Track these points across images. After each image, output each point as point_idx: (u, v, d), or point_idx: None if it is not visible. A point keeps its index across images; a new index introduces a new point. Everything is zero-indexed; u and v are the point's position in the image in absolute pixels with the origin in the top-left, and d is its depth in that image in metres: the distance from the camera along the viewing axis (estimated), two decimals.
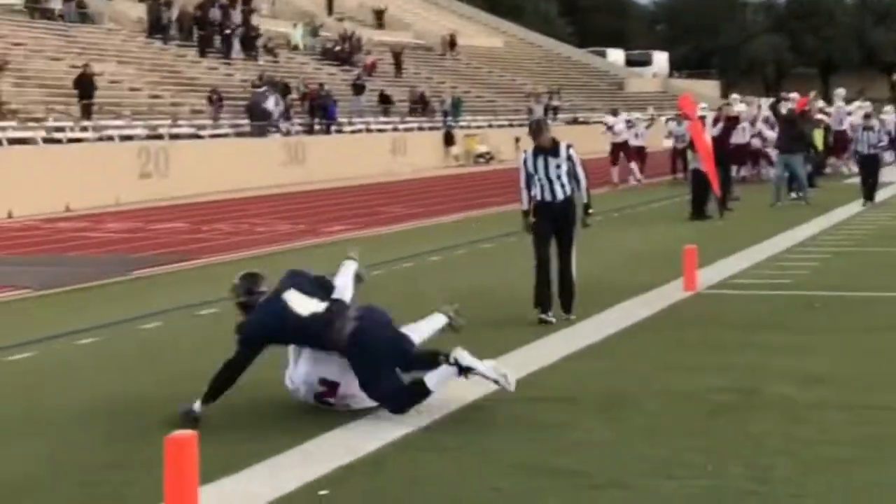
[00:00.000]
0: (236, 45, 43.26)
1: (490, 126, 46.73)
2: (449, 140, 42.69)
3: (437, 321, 7.98)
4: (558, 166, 10.68)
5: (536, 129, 10.95)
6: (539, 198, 10.79)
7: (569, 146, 10.85)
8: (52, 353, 9.80)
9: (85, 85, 29.60)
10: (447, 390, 7.49)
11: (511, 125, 46.99)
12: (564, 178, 10.73)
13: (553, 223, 10.79)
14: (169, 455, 5.23)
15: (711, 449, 6.57)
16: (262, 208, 24.95)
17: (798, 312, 11.07)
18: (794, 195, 23.17)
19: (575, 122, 51.45)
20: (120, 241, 19.05)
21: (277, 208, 25.08)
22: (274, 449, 6.64)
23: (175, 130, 31.72)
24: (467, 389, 8.04)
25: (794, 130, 23.70)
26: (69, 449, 6.80)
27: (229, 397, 7.92)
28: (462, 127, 44.91)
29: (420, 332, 7.83)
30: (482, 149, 43.54)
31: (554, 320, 10.52)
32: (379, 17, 60.02)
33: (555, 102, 53.62)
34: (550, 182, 10.70)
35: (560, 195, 10.73)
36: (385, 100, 42.98)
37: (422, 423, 7.19)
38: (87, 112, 29.35)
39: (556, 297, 10.80)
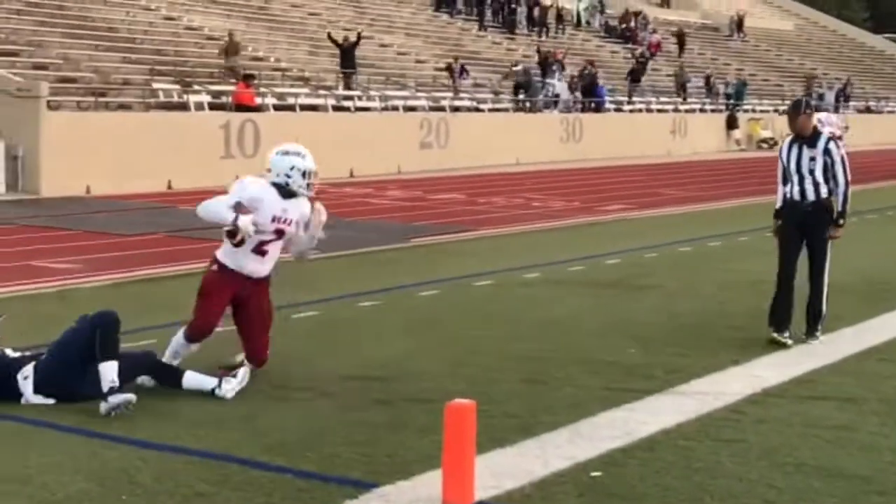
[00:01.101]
0: (521, 19, 43.59)
1: (776, 111, 45.30)
2: (732, 123, 41.65)
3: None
4: (812, 159, 9.07)
5: (792, 111, 9.21)
6: (788, 195, 9.24)
7: (830, 138, 9.19)
8: (334, 314, 10.14)
9: (346, 53, 30.17)
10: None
11: None
12: (819, 175, 9.07)
13: (799, 228, 9.21)
14: (449, 422, 5.30)
15: None
16: (537, 183, 25.07)
17: None
18: None
19: (868, 110, 49.22)
20: (400, 208, 19.56)
21: (553, 184, 25.14)
22: (545, 426, 6.64)
23: (456, 103, 32.28)
24: (744, 382, 7.84)
25: None
26: (346, 409, 6.99)
27: (501, 371, 8.01)
28: (746, 110, 43.73)
29: None
30: (766, 134, 42.27)
31: (790, 342, 9.07)
32: None
33: (847, 90, 51.50)
34: (801, 178, 9.10)
35: (811, 195, 9.12)
36: (635, 78, 41.76)
37: (697, 413, 7.04)
38: (347, 81, 30.04)
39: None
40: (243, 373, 7.38)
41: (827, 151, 9.12)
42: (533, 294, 11.44)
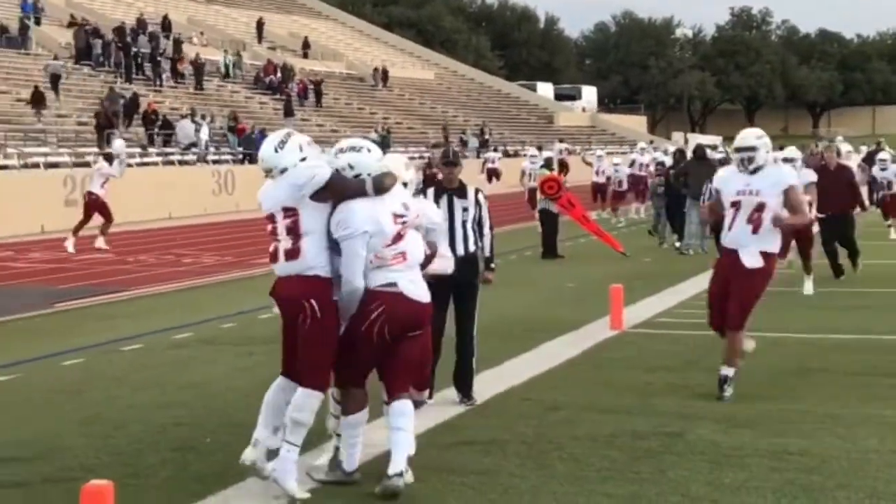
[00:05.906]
0: (166, 72, 43.07)
1: (421, 157, 46.81)
2: None
3: None
4: (465, 210, 8.71)
5: (447, 161, 8.84)
6: None
7: (477, 189, 8.94)
8: None
9: None
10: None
11: None
12: (469, 227, 8.74)
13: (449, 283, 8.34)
14: None
15: (633, 496, 6.57)
16: (190, 238, 24.71)
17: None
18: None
19: (505, 154, 51.69)
20: (44, 271, 18.75)
21: (205, 238, 24.84)
22: (194, 497, 6.54)
23: None
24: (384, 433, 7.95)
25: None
26: None
27: (150, 442, 7.81)
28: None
29: None
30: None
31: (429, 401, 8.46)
32: (307, 47, 59.92)
33: (486, 136, 54.03)
34: (454, 230, 8.65)
35: (461, 249, 8.68)
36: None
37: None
38: None
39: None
40: None
41: (479, 202, 8.80)
42: (184, 356, 11.24)
